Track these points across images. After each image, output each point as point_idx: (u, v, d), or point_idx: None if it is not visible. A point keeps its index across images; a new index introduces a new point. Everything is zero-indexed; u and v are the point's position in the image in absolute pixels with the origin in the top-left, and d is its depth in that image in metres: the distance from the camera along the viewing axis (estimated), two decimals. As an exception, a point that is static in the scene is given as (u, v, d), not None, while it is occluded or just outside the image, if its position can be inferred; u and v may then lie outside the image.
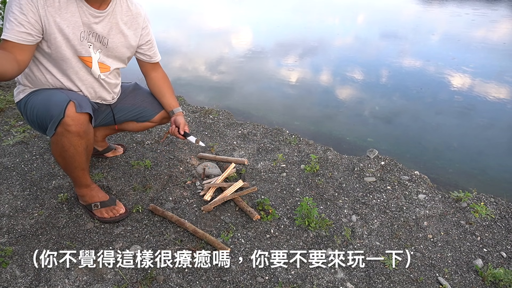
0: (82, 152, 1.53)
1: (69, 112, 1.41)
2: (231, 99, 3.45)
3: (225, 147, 2.39)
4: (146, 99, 1.91)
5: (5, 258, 1.52)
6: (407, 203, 1.94)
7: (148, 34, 1.74)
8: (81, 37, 1.50)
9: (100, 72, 1.64)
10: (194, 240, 1.65)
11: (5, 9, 1.50)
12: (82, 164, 1.59)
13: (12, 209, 1.80)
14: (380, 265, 1.57)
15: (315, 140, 2.54)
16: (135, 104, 1.88)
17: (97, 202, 1.72)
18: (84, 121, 1.46)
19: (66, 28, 1.45)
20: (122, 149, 2.29)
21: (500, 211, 1.91)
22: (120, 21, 1.60)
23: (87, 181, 1.70)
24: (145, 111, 1.90)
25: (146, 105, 1.90)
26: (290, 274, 1.51)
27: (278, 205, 1.89)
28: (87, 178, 1.69)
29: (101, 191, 1.76)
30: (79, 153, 1.52)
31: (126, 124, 1.94)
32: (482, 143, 2.77)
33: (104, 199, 1.74)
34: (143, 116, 1.91)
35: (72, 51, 1.52)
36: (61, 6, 1.42)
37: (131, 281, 1.45)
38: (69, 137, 1.45)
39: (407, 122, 3.08)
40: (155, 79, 1.88)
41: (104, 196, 1.75)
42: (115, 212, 1.75)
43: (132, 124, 1.94)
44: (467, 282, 1.52)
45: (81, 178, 1.66)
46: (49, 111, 1.44)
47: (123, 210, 1.76)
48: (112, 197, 1.79)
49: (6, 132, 2.49)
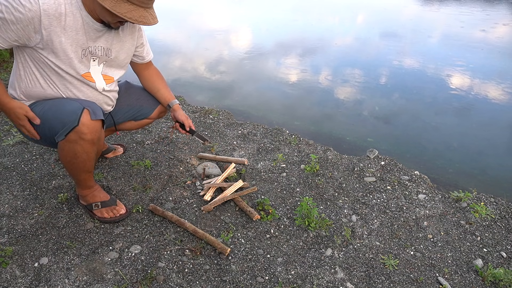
0: (93, 158, 1.55)
1: (84, 120, 1.40)
2: (231, 99, 3.45)
3: (225, 147, 2.39)
4: (141, 97, 1.90)
5: (5, 258, 1.52)
6: (407, 203, 1.94)
7: (141, 36, 1.73)
8: (82, 54, 1.48)
9: (105, 84, 1.62)
10: (194, 240, 1.65)
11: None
12: (91, 168, 1.60)
13: (12, 209, 1.80)
14: (380, 265, 1.57)
15: (315, 140, 2.54)
16: (131, 104, 1.87)
17: (97, 202, 1.72)
18: (98, 128, 1.47)
19: (69, 47, 1.42)
20: (122, 149, 2.29)
21: (500, 211, 1.91)
22: (120, 29, 1.59)
23: (91, 183, 1.71)
24: (142, 109, 1.89)
25: (142, 103, 1.89)
26: (290, 274, 1.51)
27: (278, 205, 1.89)
28: (91, 180, 1.70)
29: (102, 191, 1.76)
30: (90, 158, 1.53)
31: (124, 124, 1.94)
32: (482, 143, 2.77)
33: (105, 199, 1.74)
34: (141, 115, 1.91)
35: (74, 71, 1.49)
36: (67, 25, 1.38)
37: (131, 281, 1.45)
38: (83, 144, 1.45)
39: (407, 122, 3.08)
40: (147, 76, 1.87)
41: (105, 196, 1.75)
42: (115, 212, 1.75)
43: (130, 123, 1.94)
44: (467, 282, 1.52)
45: (87, 181, 1.67)
46: (61, 118, 1.42)
47: (123, 210, 1.77)
48: (113, 197, 1.79)
49: (6, 132, 2.49)
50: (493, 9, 7.25)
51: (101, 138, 1.54)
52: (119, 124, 1.92)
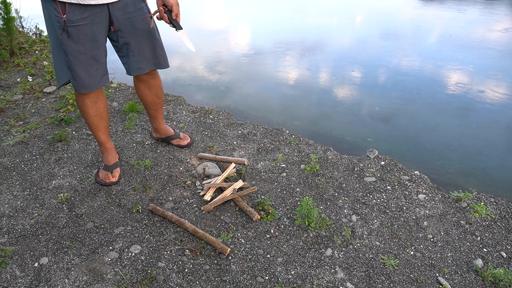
0: (89, 115, 1.87)
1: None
2: (231, 99, 3.45)
3: (225, 147, 2.39)
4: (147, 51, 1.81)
5: (5, 258, 1.52)
6: (407, 203, 1.94)
7: None
8: None
9: None
10: (194, 240, 1.65)
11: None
12: (94, 126, 1.89)
13: (12, 209, 1.80)
14: (380, 265, 1.57)
15: (315, 140, 2.54)
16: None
17: (103, 163, 2.01)
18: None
19: None
20: (188, 140, 2.35)
21: (500, 211, 1.91)
22: None
23: (100, 141, 1.95)
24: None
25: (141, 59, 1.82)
26: (290, 274, 1.51)
27: (278, 205, 1.89)
28: (99, 138, 1.94)
29: (110, 154, 2.00)
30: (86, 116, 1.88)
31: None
32: (482, 143, 2.77)
33: (107, 163, 1.98)
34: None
35: None
36: None
37: (131, 281, 1.45)
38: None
39: (407, 122, 3.08)
40: None
41: (111, 160, 1.99)
42: (106, 178, 1.97)
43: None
44: (467, 282, 1.52)
45: (95, 137, 1.97)
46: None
47: (114, 179, 1.97)
48: (116, 163, 2.00)
49: (6, 132, 2.49)
50: (493, 9, 7.25)
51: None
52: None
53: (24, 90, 3.11)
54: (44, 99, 2.99)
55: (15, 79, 3.37)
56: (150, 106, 2.11)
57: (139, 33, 1.73)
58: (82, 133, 2.49)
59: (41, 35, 4.52)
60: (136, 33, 1.73)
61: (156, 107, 2.14)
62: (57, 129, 2.53)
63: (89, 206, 1.85)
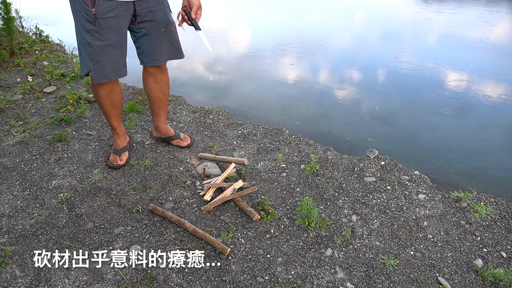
0: (104, 104, 1.99)
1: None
2: (231, 99, 3.45)
3: (225, 147, 2.39)
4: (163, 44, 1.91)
5: (5, 258, 1.52)
6: (407, 203, 1.94)
7: None
8: None
9: None
10: (194, 240, 1.65)
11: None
12: (107, 112, 2.01)
13: (12, 209, 1.80)
14: (380, 265, 1.57)
15: (315, 140, 2.54)
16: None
17: (113, 146, 2.14)
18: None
19: None
20: (189, 141, 2.37)
21: (500, 211, 1.91)
22: None
23: (112, 125, 2.06)
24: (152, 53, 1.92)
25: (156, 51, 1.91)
26: (290, 274, 1.51)
27: (278, 205, 1.89)
28: (111, 123, 2.05)
29: (120, 138, 2.11)
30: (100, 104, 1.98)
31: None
32: (482, 143, 2.77)
33: (117, 147, 2.11)
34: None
35: None
36: None
37: (131, 281, 1.45)
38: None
39: (407, 122, 3.08)
40: None
41: (120, 144, 2.11)
42: (114, 161, 2.10)
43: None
44: (467, 282, 1.52)
45: (109, 122, 2.08)
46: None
47: (121, 162, 2.10)
48: (125, 147, 2.13)
49: (6, 132, 2.49)
50: (492, 9, 7.25)
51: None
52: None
53: (24, 90, 3.11)
54: (44, 99, 2.99)
55: (15, 79, 3.37)
56: (154, 101, 2.15)
57: (159, 26, 1.85)
58: (82, 133, 2.49)
59: (41, 35, 4.52)
60: (157, 26, 1.84)
61: (160, 104, 2.17)
62: (57, 129, 2.53)
63: (89, 206, 1.85)
